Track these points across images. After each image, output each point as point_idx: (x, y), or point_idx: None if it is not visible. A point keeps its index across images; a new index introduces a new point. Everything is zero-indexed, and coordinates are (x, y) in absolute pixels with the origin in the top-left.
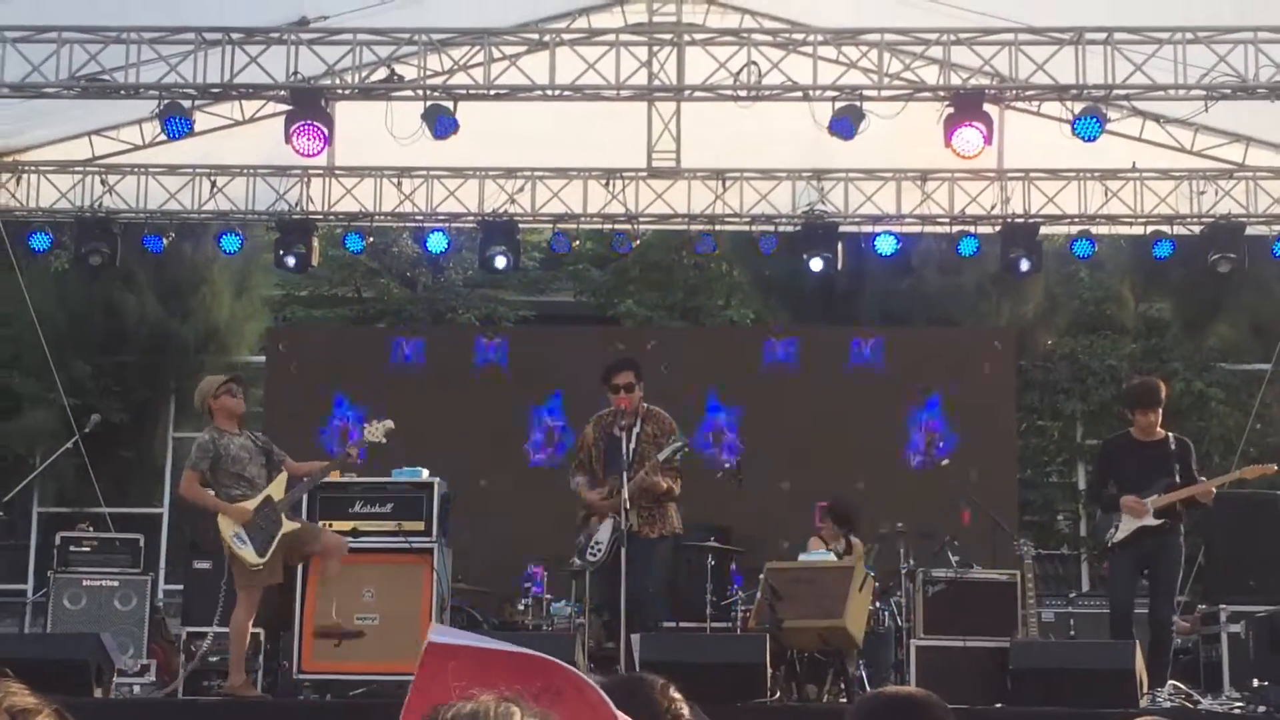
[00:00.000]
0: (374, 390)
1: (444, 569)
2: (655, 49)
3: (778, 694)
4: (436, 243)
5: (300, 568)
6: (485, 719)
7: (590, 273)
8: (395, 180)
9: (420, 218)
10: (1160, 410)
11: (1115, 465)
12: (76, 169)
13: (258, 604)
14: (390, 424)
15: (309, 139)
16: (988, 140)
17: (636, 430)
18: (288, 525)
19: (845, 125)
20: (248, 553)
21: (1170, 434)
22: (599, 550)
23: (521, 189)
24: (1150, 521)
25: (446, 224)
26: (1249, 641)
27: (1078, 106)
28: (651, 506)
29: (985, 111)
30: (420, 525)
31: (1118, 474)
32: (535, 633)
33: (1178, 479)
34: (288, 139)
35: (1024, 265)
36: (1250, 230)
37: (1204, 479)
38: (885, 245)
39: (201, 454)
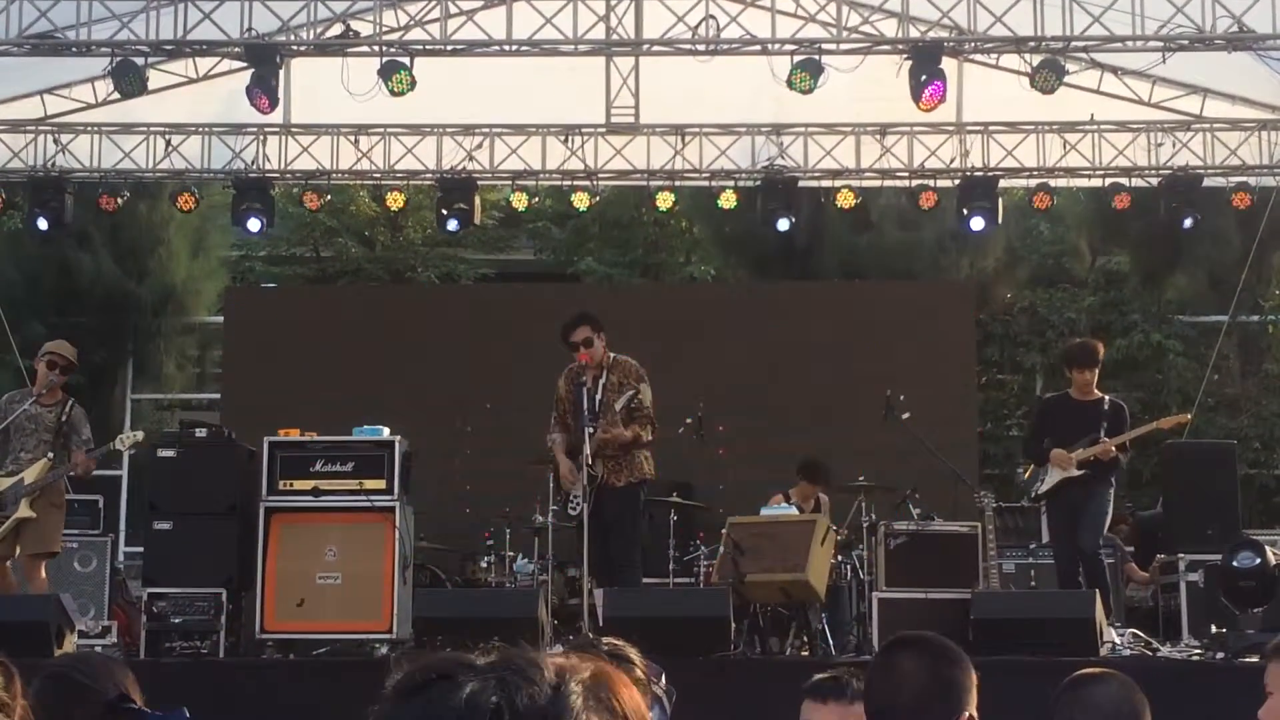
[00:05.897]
0: (332, 348)
1: (406, 527)
2: (613, 3)
3: (740, 647)
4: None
5: (262, 525)
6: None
7: (550, 230)
8: (352, 138)
9: (378, 175)
10: (1096, 370)
11: (1050, 422)
12: (28, 128)
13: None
14: (139, 436)
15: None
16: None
17: (602, 380)
18: (24, 511)
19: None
20: None
21: (1107, 396)
22: (578, 504)
23: (480, 146)
24: (1073, 472)
25: (404, 181)
26: (1206, 589)
27: (1036, 59)
28: (618, 455)
29: (942, 65)
30: (382, 484)
31: (1051, 431)
32: (498, 589)
33: (1103, 436)
34: (250, 94)
35: (982, 223)
36: (1208, 182)
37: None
38: (844, 200)
39: None
